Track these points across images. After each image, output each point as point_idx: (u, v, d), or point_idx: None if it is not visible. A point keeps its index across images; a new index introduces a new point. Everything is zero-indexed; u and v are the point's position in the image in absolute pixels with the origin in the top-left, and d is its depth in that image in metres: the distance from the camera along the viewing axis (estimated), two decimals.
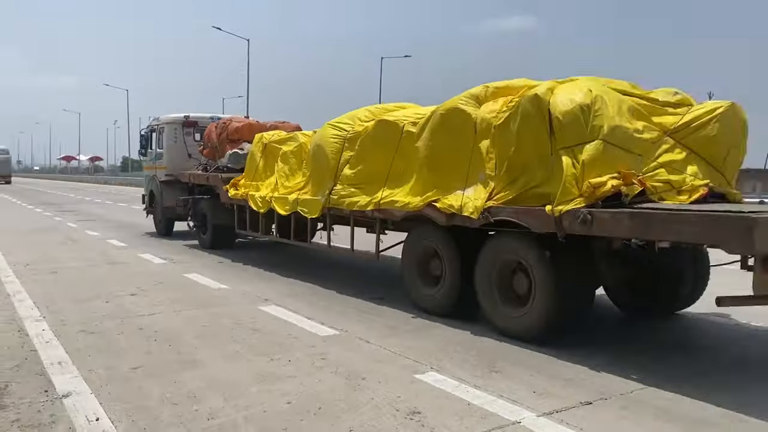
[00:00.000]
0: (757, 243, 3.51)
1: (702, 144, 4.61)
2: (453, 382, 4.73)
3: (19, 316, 6.80)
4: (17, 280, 8.98)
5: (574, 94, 4.48)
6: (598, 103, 4.39)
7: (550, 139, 4.47)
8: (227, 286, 8.41)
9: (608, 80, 4.95)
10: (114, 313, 6.98)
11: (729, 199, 4.66)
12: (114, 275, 9.41)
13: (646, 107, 4.64)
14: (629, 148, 4.24)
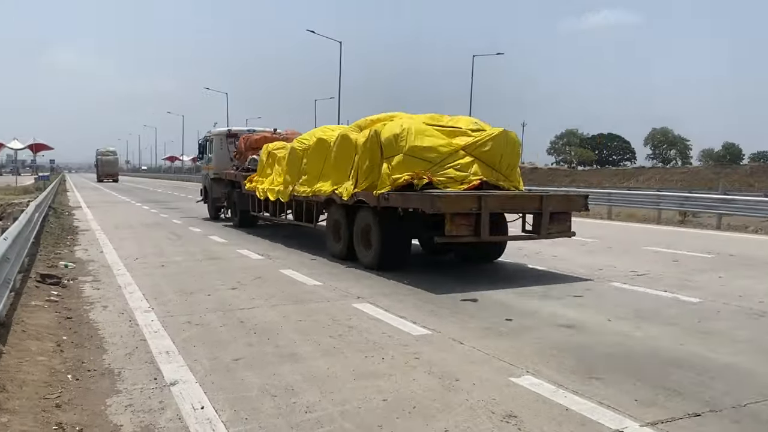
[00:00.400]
0: (441, 207, 6.76)
1: (482, 154, 7.57)
2: (550, 387, 4.61)
3: (130, 307, 7.25)
4: (128, 273, 9.58)
5: (392, 128, 7.59)
6: (404, 133, 7.50)
7: (380, 154, 7.65)
8: (321, 283, 8.60)
9: (420, 116, 8.14)
10: (216, 305, 7.30)
11: (501, 188, 7.57)
12: (215, 270, 9.83)
13: (446, 132, 7.67)
14: (423, 157, 7.17)
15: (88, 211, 23.66)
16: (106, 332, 6.21)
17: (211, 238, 14.27)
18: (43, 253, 11.35)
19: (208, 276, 9.27)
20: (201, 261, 10.81)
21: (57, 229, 15.73)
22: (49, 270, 9.47)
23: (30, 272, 8.98)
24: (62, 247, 12.61)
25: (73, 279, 9.05)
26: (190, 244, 13.16)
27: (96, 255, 11.60)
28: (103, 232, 15.71)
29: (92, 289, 8.40)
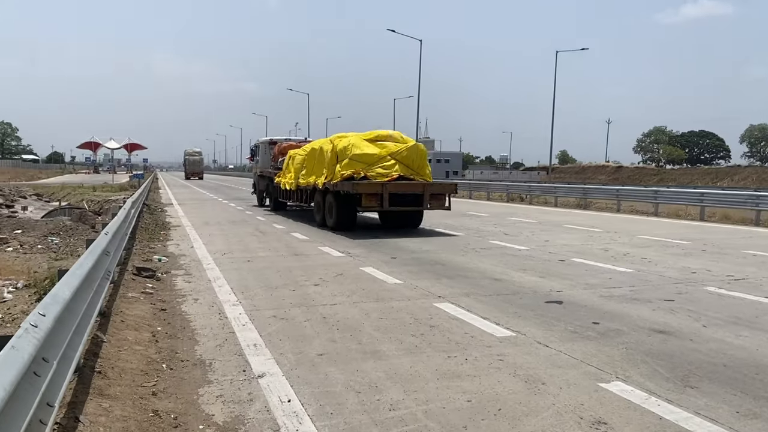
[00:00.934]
0: (357, 190, 11.77)
1: (402, 158, 11.20)
2: (641, 394, 4.43)
3: (219, 301, 7.52)
4: (217, 267, 9.95)
5: (344, 142, 11.91)
6: (349, 145, 11.77)
7: (336, 159, 11.96)
8: (401, 282, 8.62)
9: (364, 133, 12.25)
10: (300, 301, 7.46)
11: (412, 179, 11.49)
12: (298, 266, 10.05)
13: (379, 144, 11.66)
14: (360, 160, 11.10)
15: (179, 208, 24.75)
16: (197, 324, 6.46)
17: (293, 235, 14.60)
18: (138, 248, 11.97)
19: (291, 272, 9.49)
20: (285, 257, 11.08)
21: (151, 225, 16.55)
22: (144, 263, 9.98)
23: (127, 265, 9.49)
24: (156, 242, 13.26)
25: (167, 272, 9.49)
26: (274, 241, 13.52)
27: (187, 250, 12.12)
28: (193, 228, 16.39)
29: (184, 282, 8.78)
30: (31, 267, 9.33)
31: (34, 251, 11.57)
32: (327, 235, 14.55)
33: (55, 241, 12.73)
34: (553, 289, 8.17)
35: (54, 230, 14.31)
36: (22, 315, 6.43)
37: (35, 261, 10.28)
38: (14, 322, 6.14)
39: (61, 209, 23.29)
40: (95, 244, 5.84)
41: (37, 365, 2.80)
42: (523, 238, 13.87)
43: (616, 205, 24.80)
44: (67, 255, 10.70)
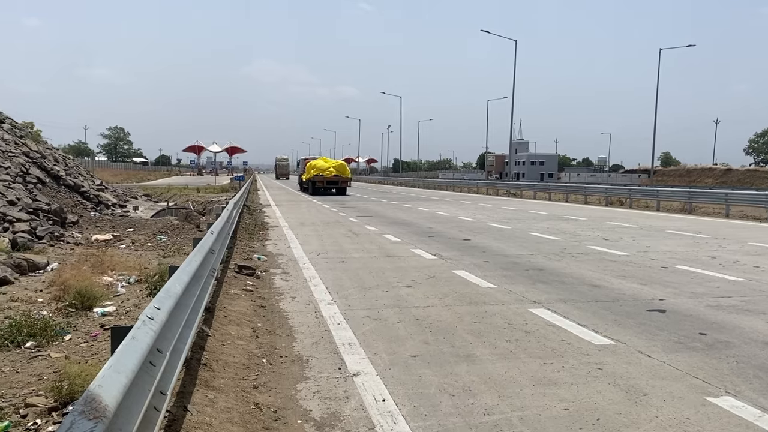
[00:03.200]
0: (312, 179, 40.29)
1: (335, 168, 39.55)
2: (755, 411, 4.17)
3: (315, 299, 7.73)
4: (312, 267, 10.23)
5: (313, 162, 43.57)
6: (313, 162, 42.50)
7: (309, 168, 43.08)
8: (495, 286, 8.52)
9: (322, 158, 46.26)
10: (393, 302, 7.54)
11: (340, 176, 39.78)
12: (391, 267, 10.17)
13: (328, 161, 43.42)
14: (317, 169, 39.63)
15: (276, 209, 25.60)
16: (294, 321, 6.68)
17: (385, 237, 14.76)
18: (239, 247, 12.50)
19: (384, 273, 9.61)
20: (377, 258, 11.24)
21: (251, 225, 17.23)
22: (245, 262, 10.41)
23: (229, 263, 9.94)
24: (255, 242, 13.80)
25: (266, 271, 9.86)
26: (367, 242, 13.73)
27: (284, 249, 12.54)
28: (289, 228, 16.92)
29: (282, 280, 9.09)
30: (142, 263, 9.94)
31: (144, 248, 12.33)
32: (419, 237, 14.61)
33: (163, 240, 13.50)
34: (656, 297, 7.82)
35: (162, 229, 15.17)
36: (134, 308, 6.87)
37: (146, 258, 10.95)
38: (128, 315, 6.57)
39: (168, 209, 24.60)
40: (202, 242, 6.15)
41: (153, 355, 3.00)
42: (623, 244, 13.35)
43: (725, 209, 23.35)
44: (175, 253, 11.33)
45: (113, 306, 6.94)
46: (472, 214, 22.27)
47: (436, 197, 37.43)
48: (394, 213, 23.15)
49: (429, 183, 62.08)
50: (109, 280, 8.36)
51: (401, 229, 16.76)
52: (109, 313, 6.67)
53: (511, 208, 25.99)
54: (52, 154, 25.31)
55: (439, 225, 17.98)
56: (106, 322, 6.26)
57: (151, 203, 33.87)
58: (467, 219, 20.13)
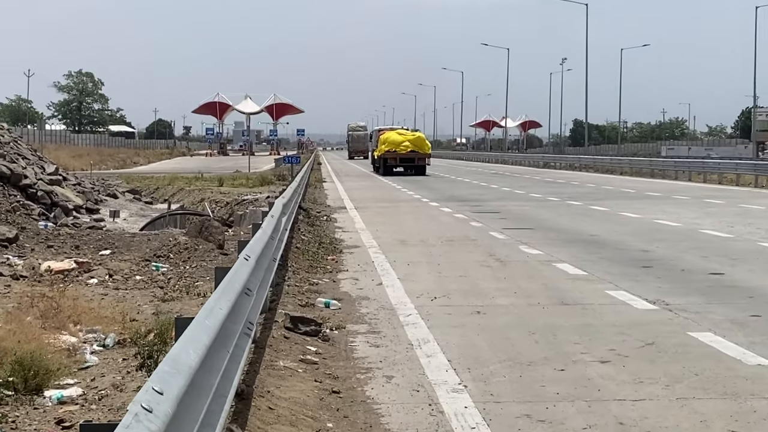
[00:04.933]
0: (383, 156, 65.63)
1: (412, 141, 62.54)
2: None
3: (429, 381, 7.73)
4: (422, 321, 10.24)
5: (385, 134, 68.23)
6: (385, 136, 66.28)
7: (381, 142, 65.77)
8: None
9: (396, 128, 75.23)
10: (575, 391, 7.42)
11: (419, 154, 62.95)
12: (570, 324, 10.05)
13: (403, 133, 67.79)
14: (390, 143, 63.03)
15: (355, 213, 25.93)
16: (393, 422, 6.69)
17: (558, 266, 14.59)
18: (292, 282, 12.73)
19: (556, 335, 9.50)
20: (545, 307, 11.13)
21: (312, 244, 17.56)
22: (302, 310, 10.56)
23: (275, 313, 10.11)
24: (319, 273, 14.01)
25: (339, 327, 9.97)
26: (523, 276, 13.64)
27: (371, 288, 12.67)
28: (380, 250, 17.09)
29: (368, 345, 9.16)
30: (127, 311, 10.25)
31: (129, 285, 12.75)
32: (623, 268, 14.32)
33: (162, 269, 13.94)
34: None
35: (160, 250, 15.67)
36: (113, 391, 7.10)
37: (132, 301, 11.30)
38: (103, 403, 6.80)
39: (170, 215, 25.46)
40: (231, 276, 6.28)
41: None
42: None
43: None
44: (182, 293, 11.63)
45: (78, 387, 7.19)
46: (728, 225, 21.87)
47: (658, 192, 36.82)
48: (572, 222, 22.90)
49: (641, 165, 60.82)
50: (72, 341, 8.69)
51: (588, 251, 16.51)
52: (72, 399, 6.92)
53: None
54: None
55: (662, 245, 17.71)
56: (67, 415, 6.50)
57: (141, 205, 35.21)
58: (717, 234, 19.78)
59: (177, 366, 3.85)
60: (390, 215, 25.93)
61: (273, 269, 10.62)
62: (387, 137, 62.52)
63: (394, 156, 60.41)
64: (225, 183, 44.51)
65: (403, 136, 62.60)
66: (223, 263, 13.13)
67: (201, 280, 12.50)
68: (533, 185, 43.41)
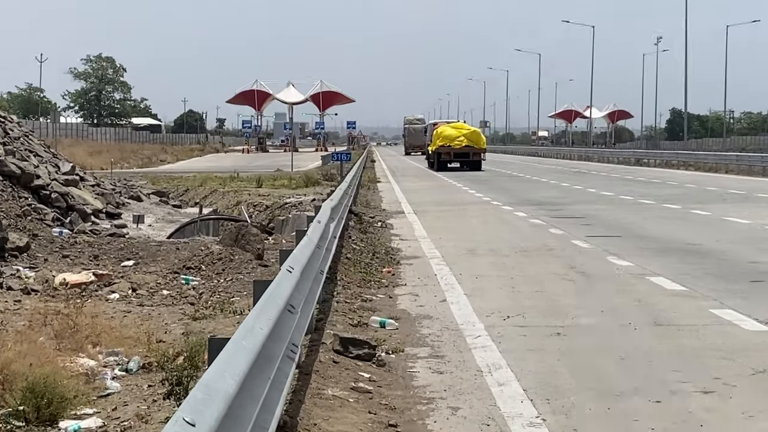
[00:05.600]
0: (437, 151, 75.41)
1: (467, 135, 73.05)
2: None
3: (501, 414, 7.73)
4: (493, 344, 10.22)
5: (440, 128, 78.71)
6: (439, 130, 76.72)
7: (435, 136, 76.65)
8: None
9: (451, 122, 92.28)
10: (673, 427, 7.38)
11: (474, 149, 73.61)
12: (667, 349, 9.97)
13: (458, 127, 78.95)
14: (444, 137, 73.55)
15: (415, 218, 25.95)
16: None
17: (651, 280, 14.49)
18: (342, 298, 12.78)
19: (651, 361, 9.45)
20: (636, 328, 11.05)
21: (364, 254, 17.60)
22: (353, 331, 10.59)
23: (323, 332, 10.15)
24: (374, 288, 14.07)
25: (396, 350, 9.99)
26: (611, 292, 13.59)
27: (434, 305, 12.69)
28: (444, 261, 17.08)
29: (430, 371, 9.17)
30: (153, 331, 10.35)
31: (155, 300, 12.89)
32: (731, 284, 14.16)
33: (192, 283, 14.06)
34: None
35: (191, 261, 15.79)
36: (138, 423, 7.18)
37: (159, 319, 11.42)
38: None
39: (202, 221, 25.65)
40: (271, 290, 6.31)
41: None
42: None
43: None
44: (215, 310, 11.73)
45: (97, 417, 7.28)
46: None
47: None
48: (668, 228, 22.75)
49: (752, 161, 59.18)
50: (90, 365, 8.80)
51: (687, 263, 16.39)
52: (90, 431, 7.01)
53: None
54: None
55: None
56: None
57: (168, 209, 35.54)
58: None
59: (211, 393, 3.88)
60: (455, 221, 25.91)
61: (320, 283, 10.67)
62: (441, 132, 70.88)
63: (448, 151, 68.76)
64: (264, 184, 44.71)
65: (458, 130, 70.95)
66: (262, 276, 13.26)
67: (237, 296, 12.60)
68: (623, 186, 43.10)
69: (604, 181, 48.13)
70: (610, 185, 43.88)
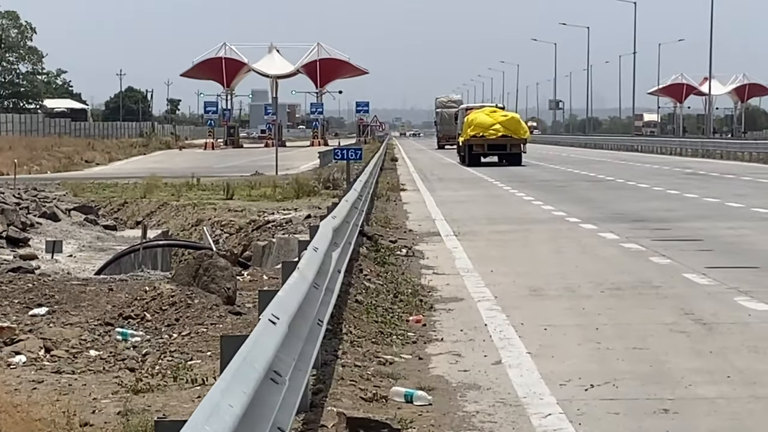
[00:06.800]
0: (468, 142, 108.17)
1: (504, 123, 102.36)
2: None
3: None
4: (571, 426, 10.20)
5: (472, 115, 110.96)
6: (472, 116, 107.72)
7: (466, 125, 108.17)
8: None
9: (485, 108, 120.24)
10: None
11: (511, 137, 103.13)
12: None
13: (494, 113, 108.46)
14: (478, 125, 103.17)
15: (456, 243, 26.03)
16: None
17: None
18: (349, 359, 12.76)
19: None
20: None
21: (382, 296, 17.64)
22: (366, 408, 10.59)
23: (323, 409, 10.15)
24: (396, 345, 14.10)
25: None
26: (742, 349, 13.64)
27: (483, 369, 12.72)
28: (497, 305, 17.10)
29: None
30: (75, 410, 10.39)
31: (79, 365, 12.90)
32: None
33: (133, 339, 14.09)
34: None
35: (130, 308, 15.83)
36: None
37: (83, 393, 11.43)
38: None
39: (146, 248, 25.69)
40: (246, 351, 6.32)
41: None
42: None
43: None
44: (166, 378, 11.75)
45: None
46: None
47: None
48: None
49: None
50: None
51: None
52: None
53: None
54: None
55: None
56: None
57: (98, 232, 35.64)
58: None
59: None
60: (514, 246, 26.01)
61: (318, 339, 10.69)
62: (473, 119, 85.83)
63: (481, 142, 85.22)
64: (237, 194, 44.71)
65: (493, 117, 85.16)
66: (234, 329, 13.29)
67: (198, 357, 12.62)
68: (757, 193, 43.28)
69: (731, 187, 48.31)
70: (739, 193, 43.92)
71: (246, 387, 5.79)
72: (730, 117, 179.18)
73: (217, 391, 5.43)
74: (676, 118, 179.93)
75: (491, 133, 72.69)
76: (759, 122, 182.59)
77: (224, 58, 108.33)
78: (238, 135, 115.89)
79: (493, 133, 72.59)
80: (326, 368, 11.83)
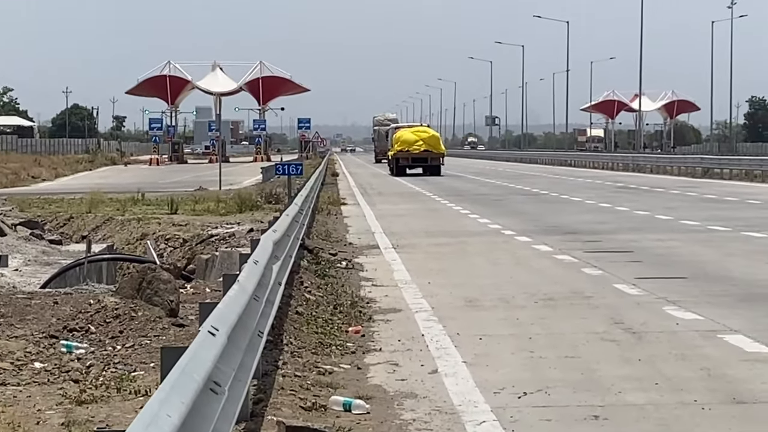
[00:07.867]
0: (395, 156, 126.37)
1: (426, 140, 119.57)
2: None
3: None
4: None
5: (398, 133, 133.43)
6: (398, 134, 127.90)
7: (394, 141, 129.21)
8: None
9: (412, 126, 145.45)
10: None
11: (433, 153, 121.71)
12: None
13: (417, 132, 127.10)
14: (403, 142, 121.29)
15: (393, 256, 26.06)
16: None
17: (726, 339, 14.64)
18: (289, 369, 12.75)
19: None
20: (706, 408, 11.08)
21: (322, 307, 17.65)
22: (306, 417, 10.58)
23: (263, 419, 10.13)
24: (335, 355, 14.12)
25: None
26: (670, 358, 13.71)
27: (420, 378, 12.75)
28: (434, 315, 17.14)
29: None
30: (19, 421, 10.32)
31: (23, 377, 12.80)
32: None
33: (77, 351, 14.01)
34: None
35: (75, 320, 15.73)
36: None
37: (28, 404, 11.34)
38: None
39: (90, 262, 25.57)
40: (186, 362, 6.29)
41: None
42: None
43: None
44: (110, 389, 11.67)
45: None
46: None
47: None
48: (751, 266, 23.22)
49: None
50: None
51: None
52: None
53: None
54: None
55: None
56: None
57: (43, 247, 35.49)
58: None
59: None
60: (451, 258, 25.99)
61: (258, 350, 10.66)
62: (400, 136, 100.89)
63: (406, 156, 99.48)
64: (181, 208, 44.62)
65: (417, 134, 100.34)
66: (176, 340, 13.25)
67: (141, 369, 12.56)
68: (685, 206, 43.56)
69: (660, 200, 48.69)
70: (669, 205, 44.40)
71: (184, 397, 5.77)
72: (659, 132, 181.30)
73: (156, 402, 5.41)
74: (608, 134, 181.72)
75: (415, 148, 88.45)
76: (687, 137, 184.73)
77: (168, 75, 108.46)
78: (183, 151, 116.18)
79: (417, 148, 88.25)
80: (267, 378, 11.82)
